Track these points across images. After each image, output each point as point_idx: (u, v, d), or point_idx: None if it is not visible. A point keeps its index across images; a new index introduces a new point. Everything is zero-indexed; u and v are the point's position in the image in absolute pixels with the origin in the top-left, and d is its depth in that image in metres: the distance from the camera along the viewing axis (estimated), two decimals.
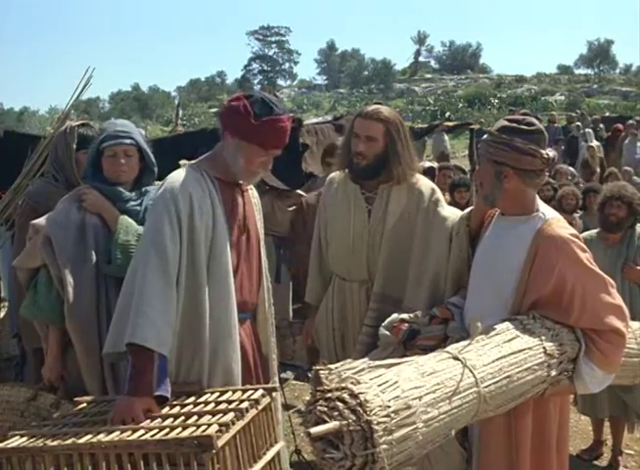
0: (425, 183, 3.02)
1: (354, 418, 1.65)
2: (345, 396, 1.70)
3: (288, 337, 5.37)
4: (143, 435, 1.95)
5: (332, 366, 2.12)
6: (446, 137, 14.16)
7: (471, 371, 1.92)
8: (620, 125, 13.02)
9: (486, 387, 1.93)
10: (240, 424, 2.01)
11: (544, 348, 2.12)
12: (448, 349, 2.05)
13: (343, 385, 1.75)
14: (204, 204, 2.31)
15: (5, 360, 3.61)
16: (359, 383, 1.76)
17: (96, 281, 2.70)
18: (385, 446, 1.66)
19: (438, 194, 3.01)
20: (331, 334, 3.12)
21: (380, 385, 1.76)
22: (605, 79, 40.62)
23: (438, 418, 1.81)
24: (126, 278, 2.28)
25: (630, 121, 13.05)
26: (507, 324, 2.18)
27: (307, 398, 1.80)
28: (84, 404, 2.35)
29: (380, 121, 2.91)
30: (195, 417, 2.03)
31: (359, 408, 1.66)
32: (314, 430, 1.64)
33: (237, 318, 2.37)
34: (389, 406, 1.71)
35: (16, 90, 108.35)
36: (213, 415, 2.03)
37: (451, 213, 2.88)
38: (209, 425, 1.93)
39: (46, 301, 2.72)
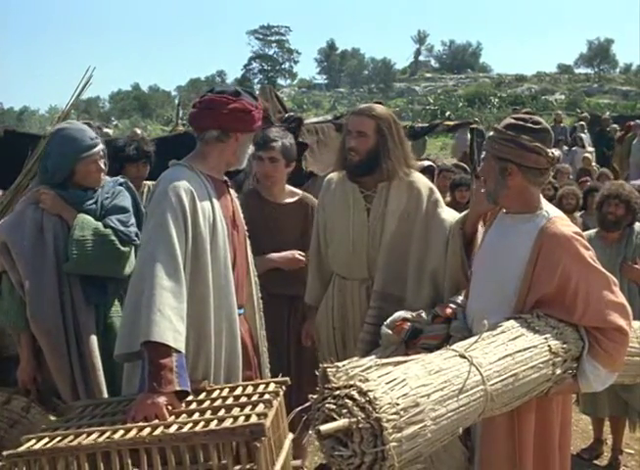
0: (424, 183, 3.04)
1: (363, 416, 1.65)
2: (354, 393, 1.69)
3: None
4: (179, 429, 1.94)
5: (339, 364, 2.11)
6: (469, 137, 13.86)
7: (477, 369, 1.92)
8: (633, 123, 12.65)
9: (493, 385, 1.94)
10: (271, 414, 2.02)
11: (549, 346, 2.12)
12: (454, 346, 2.05)
13: (352, 382, 1.74)
14: (204, 201, 2.33)
15: (5, 359, 3.60)
16: (367, 380, 1.75)
17: (58, 281, 2.70)
18: (394, 444, 1.65)
19: (437, 194, 3.03)
20: (331, 333, 3.12)
21: (388, 382, 1.76)
22: (605, 79, 40.58)
23: (446, 416, 1.80)
24: (133, 278, 2.27)
25: (638, 121, 12.80)
26: (512, 322, 2.18)
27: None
28: (90, 406, 2.32)
29: (371, 118, 2.94)
30: (223, 410, 2.03)
31: (368, 406, 1.66)
32: (324, 427, 1.63)
33: (237, 313, 2.38)
34: (398, 404, 1.70)
35: (15, 90, 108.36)
36: (242, 408, 2.03)
37: (449, 216, 2.92)
38: (249, 415, 1.94)
39: (10, 306, 2.74)
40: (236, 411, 2.01)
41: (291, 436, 2.28)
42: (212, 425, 1.93)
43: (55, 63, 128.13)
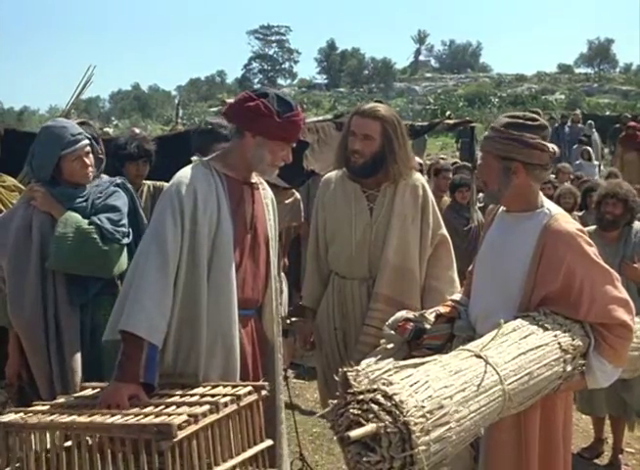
0: (423, 183, 3.10)
1: (391, 420, 1.62)
2: (379, 397, 1.66)
3: (289, 335, 5.36)
4: (117, 419, 1.97)
5: (358, 368, 2.08)
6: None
7: (494, 369, 1.91)
8: None
9: (510, 384, 1.92)
10: (212, 418, 2.01)
11: (559, 343, 2.11)
12: (468, 346, 2.03)
13: (375, 386, 1.71)
14: (209, 199, 2.32)
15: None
16: (391, 384, 1.73)
17: (41, 280, 2.69)
18: (423, 447, 1.63)
19: (431, 196, 3.13)
20: (333, 333, 3.11)
21: (412, 385, 1.74)
22: (605, 78, 40.52)
23: (469, 417, 1.79)
24: (128, 270, 2.32)
25: None
26: (520, 321, 2.17)
27: (308, 395, 1.78)
28: (87, 391, 2.35)
29: (377, 120, 2.91)
30: (173, 407, 2.05)
31: (395, 410, 1.63)
32: (353, 433, 1.60)
33: (237, 315, 2.37)
34: (424, 407, 1.68)
35: (15, 89, 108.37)
36: (190, 406, 2.04)
37: (436, 220, 3.11)
38: (179, 415, 1.94)
39: None
40: (182, 410, 2.00)
41: (266, 443, 2.21)
42: (146, 420, 1.94)
43: (55, 62, 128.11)
